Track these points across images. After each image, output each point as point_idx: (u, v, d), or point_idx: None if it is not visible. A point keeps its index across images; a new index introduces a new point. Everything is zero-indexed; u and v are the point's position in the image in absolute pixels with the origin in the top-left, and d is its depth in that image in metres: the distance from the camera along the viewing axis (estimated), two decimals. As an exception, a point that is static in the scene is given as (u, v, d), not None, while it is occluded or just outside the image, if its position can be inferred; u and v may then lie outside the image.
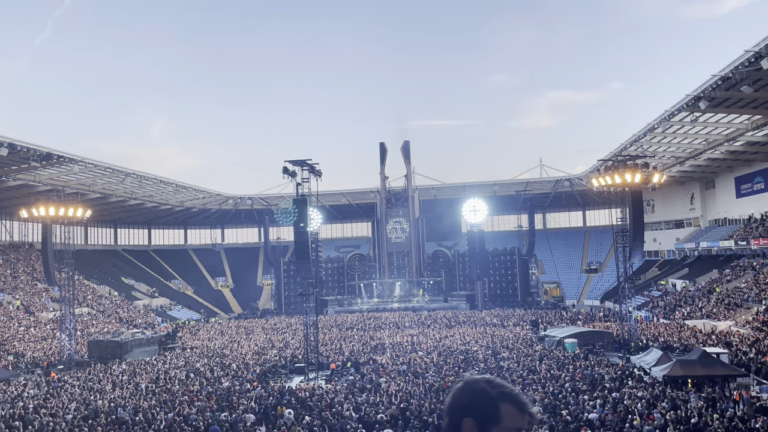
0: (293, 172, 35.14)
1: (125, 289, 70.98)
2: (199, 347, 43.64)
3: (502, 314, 55.18)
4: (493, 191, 79.81)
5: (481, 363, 30.46)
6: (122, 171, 58.28)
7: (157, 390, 26.76)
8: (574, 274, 79.40)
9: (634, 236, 37.28)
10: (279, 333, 50.16)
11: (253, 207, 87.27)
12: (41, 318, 53.02)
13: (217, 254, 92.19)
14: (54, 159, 49.19)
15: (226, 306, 79.82)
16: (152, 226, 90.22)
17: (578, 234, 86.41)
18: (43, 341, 46.39)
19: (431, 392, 23.72)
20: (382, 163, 73.15)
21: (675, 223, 73.68)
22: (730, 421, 18.15)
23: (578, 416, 19.04)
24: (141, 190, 68.94)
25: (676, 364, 24.56)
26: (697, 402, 20.55)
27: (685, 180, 69.47)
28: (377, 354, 36.15)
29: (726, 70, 35.58)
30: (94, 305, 60.58)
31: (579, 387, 23.55)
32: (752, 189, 58.78)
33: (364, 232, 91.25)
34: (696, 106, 41.08)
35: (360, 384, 26.65)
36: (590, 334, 38.92)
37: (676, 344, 34.97)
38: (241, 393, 25.85)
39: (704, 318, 44.59)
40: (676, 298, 54.30)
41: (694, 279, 58.27)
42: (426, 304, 64.57)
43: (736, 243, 54.92)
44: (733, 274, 52.70)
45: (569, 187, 79.98)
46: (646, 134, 50.42)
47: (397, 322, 52.20)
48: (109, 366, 35.99)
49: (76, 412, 22.70)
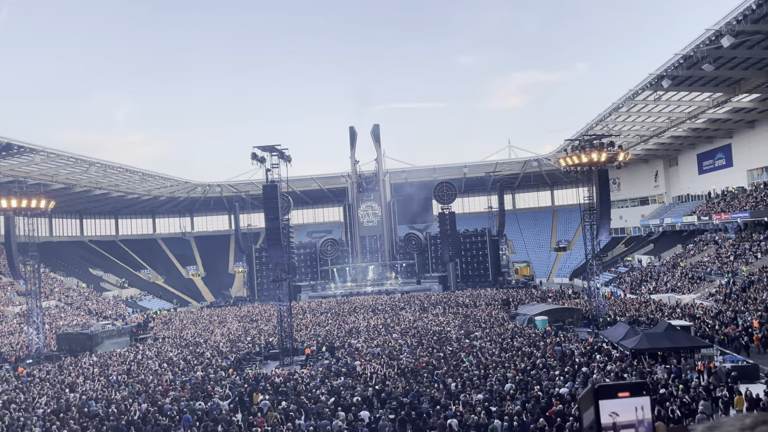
0: (262, 158, 34.83)
1: (94, 281, 69.76)
2: (172, 337, 43.26)
3: (474, 294, 55.84)
4: (463, 173, 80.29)
5: (454, 343, 30.85)
6: (86, 160, 56.99)
7: (129, 381, 26.50)
8: (543, 252, 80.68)
9: (600, 214, 37.96)
10: (252, 320, 49.97)
11: (222, 194, 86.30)
12: (7, 312, 51.85)
13: (187, 243, 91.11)
14: (14, 149, 47.87)
15: (197, 295, 79.10)
16: (119, 216, 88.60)
17: (547, 213, 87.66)
18: (11, 336, 45.40)
19: (406, 373, 23.96)
20: (352, 147, 72.91)
21: (640, 200, 75.26)
22: (695, 390, 18.77)
23: (549, 391, 19.47)
24: (106, 180, 67.55)
25: (643, 337, 25.20)
26: (663, 374, 21.18)
27: (650, 158, 70.89)
28: (352, 337, 36.31)
29: (687, 49, 36.24)
30: (62, 298, 59.45)
31: (550, 363, 24.04)
32: (714, 165, 60.28)
33: (336, 216, 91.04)
34: (659, 85, 41.80)
35: (335, 368, 26.76)
36: (560, 311, 39.69)
37: (643, 318, 35.92)
38: (216, 381, 25.76)
39: (669, 292, 45.83)
40: (642, 273, 55.63)
41: (659, 254, 59.72)
42: (399, 286, 64.97)
43: (699, 218, 56.39)
44: (696, 249, 54.17)
45: (537, 167, 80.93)
46: (611, 113, 51.19)
47: (371, 305, 52.44)
48: (80, 359, 35.44)
49: (47, 406, 22.36)
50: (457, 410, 17.75)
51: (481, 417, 17.02)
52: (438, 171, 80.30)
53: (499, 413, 17.44)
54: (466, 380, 22.05)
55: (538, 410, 17.45)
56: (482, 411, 17.49)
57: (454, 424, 16.62)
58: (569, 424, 15.85)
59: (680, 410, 16.52)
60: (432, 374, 23.48)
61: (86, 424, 19.00)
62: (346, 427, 17.54)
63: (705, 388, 19.21)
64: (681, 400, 17.42)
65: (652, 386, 19.28)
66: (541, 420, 16.32)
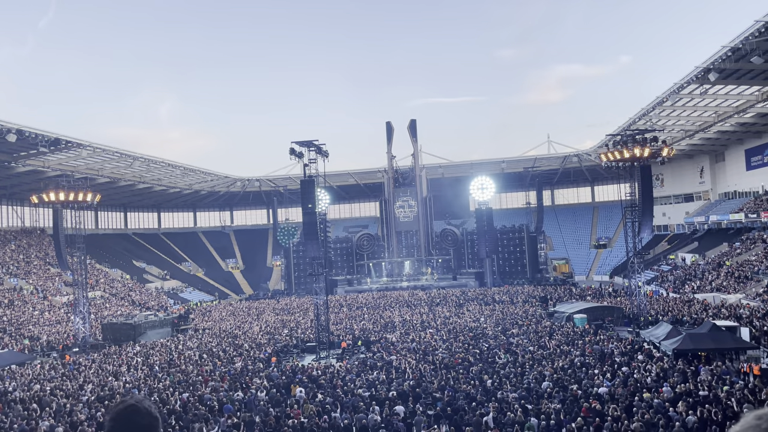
0: (300, 153, 35.11)
1: (137, 272, 71.65)
2: (211, 328, 44.13)
3: (511, 291, 55.32)
4: (501, 168, 79.48)
5: (490, 340, 30.64)
6: (130, 155, 58.46)
7: (171, 371, 27.15)
8: (583, 249, 79.29)
9: (643, 211, 37.10)
10: (290, 313, 50.58)
11: (261, 189, 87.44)
12: (55, 302, 53.69)
13: (227, 236, 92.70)
14: (62, 144, 49.40)
15: (236, 287, 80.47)
16: (162, 210, 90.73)
17: (587, 210, 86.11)
18: (58, 325, 47.03)
19: (441, 369, 23.92)
20: (389, 143, 72.94)
21: (684, 197, 73.24)
22: (740, 393, 18.22)
23: (588, 390, 19.18)
24: (149, 174, 69.20)
25: (686, 337, 24.59)
26: (707, 375, 20.62)
27: (695, 153, 68.88)
28: (387, 332, 36.43)
29: (736, 41, 35.04)
30: (107, 288, 61.24)
31: (588, 362, 23.67)
32: (763, 161, 58.19)
33: (372, 211, 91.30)
34: (706, 78, 40.57)
35: (371, 362, 26.90)
36: (600, 310, 38.99)
37: (686, 318, 34.99)
38: (254, 372, 26.18)
39: (714, 291, 44.52)
40: (686, 272, 54.18)
41: (703, 253, 58.05)
42: (435, 282, 64.80)
43: (746, 216, 54.54)
44: (743, 247, 52.45)
45: (577, 162, 79.52)
46: (655, 108, 49.93)
47: (407, 300, 52.47)
48: (123, 348, 36.49)
49: (92, 393, 23.09)
50: (493, 407, 17.65)
51: (518, 415, 16.87)
52: (475, 166, 79.63)
53: (536, 411, 17.26)
54: (502, 377, 21.90)
55: (575, 409, 17.21)
56: (519, 409, 17.34)
57: (490, 421, 16.52)
58: (607, 424, 15.59)
59: (724, 413, 16.07)
60: (468, 370, 23.38)
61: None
62: (381, 421, 17.61)
63: (751, 390, 18.64)
64: (725, 403, 16.94)
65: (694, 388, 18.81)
66: (579, 419, 16.09)
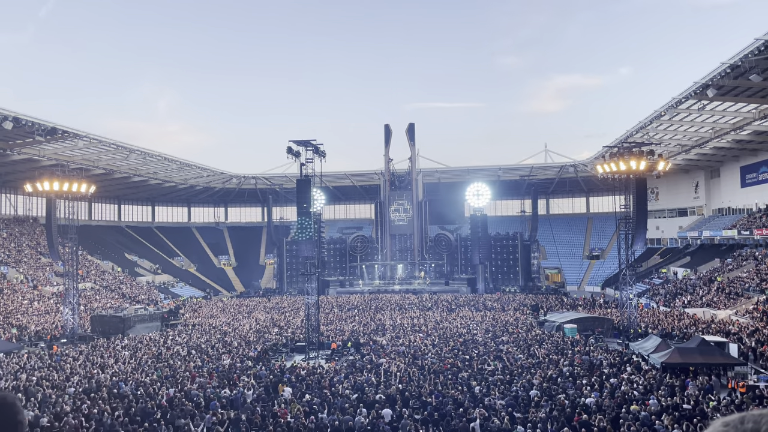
0: (297, 152, 35.08)
1: (128, 265, 71.35)
2: (201, 324, 43.97)
3: (502, 298, 55.38)
4: (497, 176, 79.59)
5: (480, 346, 30.63)
6: (126, 147, 58.23)
7: (158, 365, 27.02)
8: (575, 260, 79.48)
9: (637, 223, 37.21)
10: (280, 312, 50.46)
11: (256, 186, 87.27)
12: (44, 292, 53.40)
13: (220, 233, 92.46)
14: (58, 134, 49.16)
15: (228, 284, 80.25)
16: (156, 203, 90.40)
17: (581, 220, 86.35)
18: (47, 315, 46.76)
19: (430, 374, 23.89)
20: (387, 145, 72.96)
21: (678, 211, 73.53)
22: (726, 408, 18.27)
23: (575, 401, 19.18)
24: (145, 167, 68.95)
25: (674, 351, 24.64)
26: (694, 389, 20.67)
27: (690, 168, 69.18)
28: (378, 335, 36.38)
29: (735, 58, 35.19)
30: (98, 280, 60.96)
31: (577, 372, 23.68)
32: (758, 179, 58.50)
33: (367, 213, 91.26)
34: (704, 94, 40.72)
35: (360, 364, 26.85)
36: (590, 320, 39.07)
37: (676, 332, 35.08)
38: (242, 370, 26.08)
39: (704, 306, 44.67)
40: (677, 286, 54.36)
41: (695, 267, 58.27)
42: (427, 286, 64.78)
43: (739, 232, 54.81)
44: (734, 264, 52.69)
45: (573, 173, 79.74)
46: (652, 121, 50.11)
47: (398, 303, 52.44)
48: (112, 341, 36.30)
49: (78, 385, 22.94)
50: (480, 414, 17.62)
51: (505, 422, 16.86)
52: (472, 172, 79.71)
53: (523, 420, 17.25)
54: (490, 384, 21.89)
55: (562, 419, 17.20)
56: (506, 416, 17.32)
57: (477, 428, 16.50)
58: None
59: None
60: (456, 376, 23.36)
61: (115, 404, 19.43)
62: (367, 423, 17.56)
63: (737, 406, 18.69)
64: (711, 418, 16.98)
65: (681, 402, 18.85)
66: (565, 429, 16.09)
